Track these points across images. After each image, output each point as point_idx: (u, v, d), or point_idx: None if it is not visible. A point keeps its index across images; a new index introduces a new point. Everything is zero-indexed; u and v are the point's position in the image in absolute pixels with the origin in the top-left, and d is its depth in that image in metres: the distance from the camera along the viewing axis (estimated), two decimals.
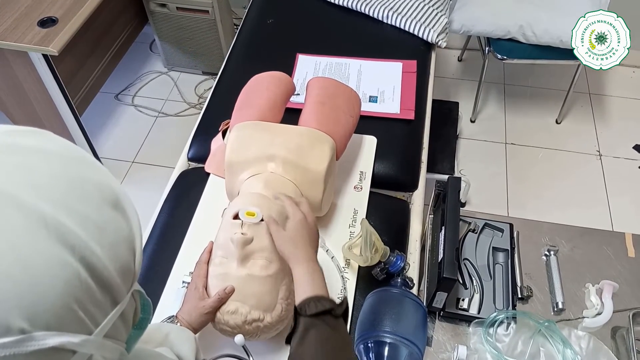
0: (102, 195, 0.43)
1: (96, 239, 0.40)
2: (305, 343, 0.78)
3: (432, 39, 1.77)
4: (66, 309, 0.37)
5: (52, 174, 0.40)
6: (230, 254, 0.95)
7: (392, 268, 1.13)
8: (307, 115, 1.22)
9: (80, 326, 0.39)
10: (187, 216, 1.27)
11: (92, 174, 0.43)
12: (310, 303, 0.81)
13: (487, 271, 1.22)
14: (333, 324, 0.80)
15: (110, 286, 0.41)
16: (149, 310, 0.52)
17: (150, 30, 2.65)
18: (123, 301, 0.43)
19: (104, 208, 0.42)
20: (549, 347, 1.11)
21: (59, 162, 0.42)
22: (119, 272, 0.42)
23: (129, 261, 0.44)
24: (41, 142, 0.42)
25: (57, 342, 0.37)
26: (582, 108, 2.58)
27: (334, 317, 0.81)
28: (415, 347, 1.00)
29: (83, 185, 0.42)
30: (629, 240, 1.29)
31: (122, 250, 0.43)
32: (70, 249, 0.38)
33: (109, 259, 0.41)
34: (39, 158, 0.41)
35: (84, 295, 0.39)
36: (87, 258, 0.39)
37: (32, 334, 0.35)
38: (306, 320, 0.80)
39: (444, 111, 2.22)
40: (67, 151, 0.43)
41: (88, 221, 0.40)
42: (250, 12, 1.96)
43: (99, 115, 2.57)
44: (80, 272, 0.38)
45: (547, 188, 2.25)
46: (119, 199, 0.45)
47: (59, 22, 1.82)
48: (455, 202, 1.18)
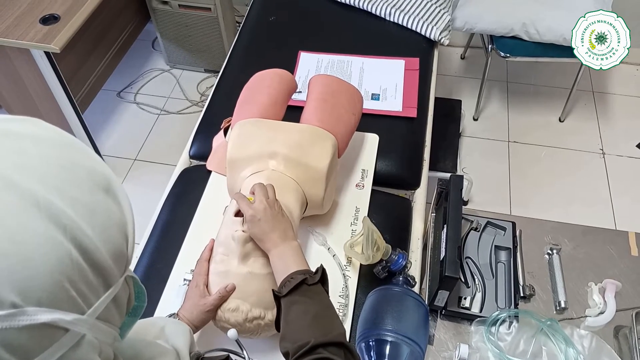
0: (93, 180, 0.43)
1: (87, 221, 0.41)
2: (289, 321, 0.80)
3: (434, 37, 1.76)
4: (58, 286, 0.38)
5: (44, 158, 0.41)
6: (231, 252, 0.95)
7: (394, 266, 1.13)
8: (309, 112, 1.21)
9: (73, 305, 0.39)
10: (188, 214, 1.27)
11: (83, 159, 0.44)
12: (285, 284, 0.83)
13: (489, 270, 1.21)
14: (309, 294, 0.82)
15: (102, 268, 0.42)
16: (143, 298, 0.52)
17: (152, 27, 2.65)
18: (116, 284, 0.44)
19: (95, 192, 0.43)
20: (551, 346, 1.11)
21: (50, 148, 0.42)
22: (112, 255, 0.43)
23: (121, 245, 0.44)
24: (33, 128, 0.43)
25: (48, 318, 0.37)
26: (586, 106, 2.57)
27: (308, 285, 0.82)
28: (416, 346, 1.00)
29: (74, 169, 0.42)
30: (632, 239, 1.28)
31: (114, 233, 0.43)
32: (62, 228, 0.39)
33: (101, 241, 0.41)
34: (31, 143, 0.41)
35: (76, 275, 0.39)
36: (78, 238, 0.39)
37: (24, 308, 0.36)
38: (285, 301, 0.82)
39: (446, 109, 2.22)
40: (58, 137, 0.44)
41: (79, 203, 0.41)
42: (252, 9, 1.96)
43: (101, 112, 2.57)
44: (71, 251, 0.39)
45: (550, 186, 2.25)
46: (110, 185, 0.45)
47: (61, 20, 1.82)
48: (457, 200, 1.18)
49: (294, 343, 0.75)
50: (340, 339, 0.75)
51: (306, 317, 0.78)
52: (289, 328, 0.79)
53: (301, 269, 0.85)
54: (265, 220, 0.93)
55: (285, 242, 0.92)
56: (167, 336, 0.75)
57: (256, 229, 0.93)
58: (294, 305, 0.81)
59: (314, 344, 0.72)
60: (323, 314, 0.80)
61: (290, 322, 0.79)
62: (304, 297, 0.81)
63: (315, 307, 0.80)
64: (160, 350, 0.57)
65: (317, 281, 0.83)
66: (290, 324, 0.79)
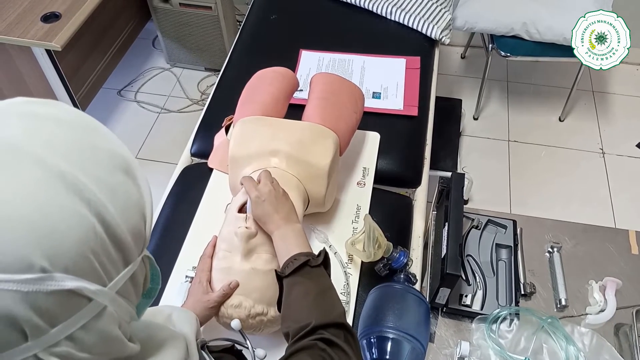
0: (113, 162, 0.45)
1: (109, 198, 0.42)
2: (291, 301, 0.80)
3: (435, 36, 1.76)
4: (83, 256, 0.39)
5: (67, 139, 0.43)
6: (234, 248, 0.95)
7: (395, 264, 1.13)
8: (310, 110, 1.21)
9: (96, 276, 0.41)
10: (190, 211, 1.27)
11: (104, 142, 0.46)
12: (288, 264, 0.83)
13: (490, 267, 1.22)
14: (311, 275, 0.82)
15: (122, 244, 0.43)
16: (157, 280, 0.54)
17: (153, 26, 2.65)
18: (134, 262, 0.45)
19: (115, 173, 0.44)
20: (552, 343, 1.11)
21: (73, 129, 0.44)
22: (131, 233, 0.44)
23: (140, 225, 0.46)
24: (57, 111, 0.45)
25: (75, 285, 0.39)
26: (586, 106, 2.57)
27: (311, 267, 0.82)
28: (418, 343, 1.00)
29: (95, 151, 0.44)
30: (632, 237, 1.28)
31: (133, 213, 0.45)
32: (87, 202, 0.40)
33: (122, 219, 0.43)
34: (55, 124, 0.43)
35: (99, 247, 0.41)
36: (102, 214, 0.41)
37: (53, 274, 0.38)
38: (287, 281, 0.82)
39: (447, 108, 2.22)
40: (81, 120, 0.46)
41: (102, 182, 0.42)
42: (253, 8, 1.96)
43: (102, 111, 2.57)
44: (95, 225, 0.40)
45: (550, 186, 2.25)
46: (130, 167, 0.46)
47: (62, 18, 1.82)
48: (458, 198, 1.18)
49: (295, 323, 0.75)
50: (341, 320, 0.75)
51: (307, 298, 0.79)
52: (290, 309, 0.80)
53: (304, 251, 0.86)
54: (269, 202, 0.94)
55: (288, 224, 0.92)
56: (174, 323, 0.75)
57: (260, 210, 0.94)
58: (296, 286, 0.81)
59: (314, 325, 0.73)
60: (324, 295, 0.80)
61: (292, 303, 0.80)
62: (305, 279, 0.82)
63: (317, 288, 0.81)
64: (172, 334, 0.58)
65: (320, 263, 0.84)
66: (292, 304, 0.80)
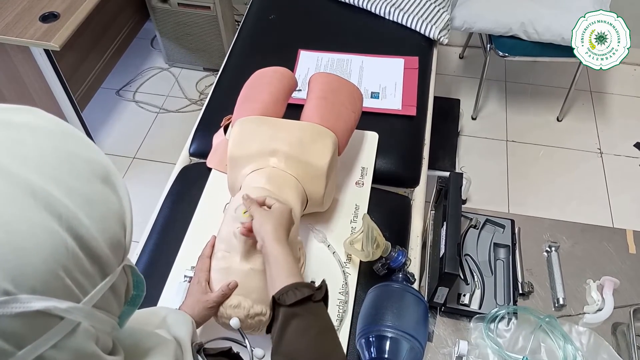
0: (91, 170, 0.44)
1: (85, 210, 0.41)
2: (287, 334, 0.76)
3: (434, 36, 1.77)
4: (52, 274, 0.38)
5: (42, 148, 0.41)
6: (233, 248, 0.96)
7: (394, 263, 1.14)
8: (309, 110, 1.22)
9: (68, 293, 0.39)
10: (188, 211, 1.28)
11: (81, 149, 0.44)
12: (289, 292, 0.79)
13: (488, 267, 1.22)
14: (314, 311, 0.79)
15: (99, 257, 0.42)
16: (142, 287, 0.52)
17: (151, 26, 2.65)
18: (113, 273, 0.44)
19: (93, 182, 0.43)
20: (550, 342, 1.11)
21: (48, 137, 0.42)
22: (109, 244, 0.43)
23: (119, 235, 0.45)
24: (32, 118, 0.43)
25: (42, 306, 0.37)
26: (583, 106, 2.58)
27: (313, 302, 0.79)
28: (416, 342, 1.01)
29: (72, 159, 0.43)
30: (629, 237, 1.29)
31: (112, 223, 0.44)
32: (58, 217, 0.39)
33: (98, 230, 0.42)
34: (30, 133, 0.42)
35: (72, 263, 0.39)
36: (74, 228, 0.40)
37: (17, 296, 0.36)
38: (286, 311, 0.78)
39: (445, 108, 2.22)
40: (57, 127, 0.44)
41: (76, 193, 0.41)
42: (252, 8, 1.96)
43: (100, 111, 2.57)
44: (67, 240, 0.39)
45: (548, 185, 2.26)
46: (109, 175, 0.45)
47: (61, 18, 1.82)
48: (457, 198, 1.18)
49: (290, 358, 0.73)
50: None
51: (306, 335, 0.76)
52: (286, 341, 0.76)
53: (303, 282, 0.82)
54: (290, 218, 0.93)
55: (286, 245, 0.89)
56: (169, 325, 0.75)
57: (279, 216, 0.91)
58: (295, 318, 0.77)
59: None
60: (325, 335, 0.77)
61: (289, 337, 0.76)
62: (307, 313, 0.78)
63: (318, 326, 0.78)
64: (160, 341, 0.57)
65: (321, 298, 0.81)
66: (289, 338, 0.76)
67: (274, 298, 0.80)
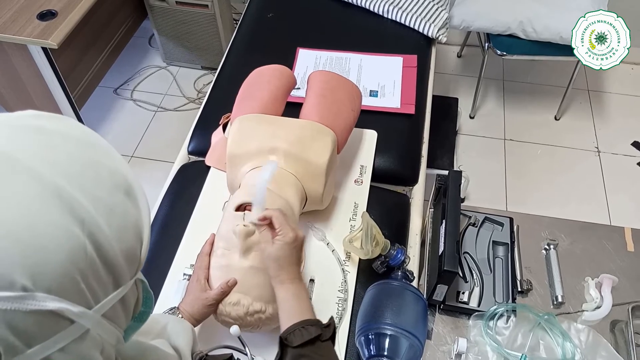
0: (114, 181, 0.44)
1: (105, 219, 0.41)
2: None
3: (432, 34, 1.77)
4: (68, 277, 0.38)
5: (70, 155, 0.42)
6: (233, 246, 0.95)
7: (393, 261, 1.14)
8: (308, 108, 1.21)
9: (81, 298, 0.40)
10: (187, 209, 1.27)
11: (107, 160, 0.45)
12: (296, 331, 0.78)
13: (487, 265, 1.22)
14: (321, 351, 0.78)
15: (114, 266, 0.42)
16: (150, 304, 0.53)
17: (149, 24, 2.64)
18: (125, 285, 0.44)
19: (115, 193, 0.44)
20: (549, 340, 1.12)
21: (77, 146, 0.44)
22: (124, 255, 0.43)
23: (135, 247, 0.45)
24: (64, 126, 0.45)
25: (56, 306, 0.38)
26: (581, 105, 2.58)
27: (321, 342, 0.79)
28: (415, 339, 1.01)
29: (98, 169, 0.43)
30: (628, 235, 1.29)
31: (129, 235, 0.44)
32: (80, 222, 0.39)
33: (116, 240, 0.42)
34: (60, 140, 0.43)
35: (88, 268, 0.40)
36: (95, 234, 0.40)
37: (34, 293, 0.37)
38: (293, 352, 0.77)
39: (443, 107, 2.23)
40: (86, 137, 0.45)
41: (99, 201, 0.41)
42: (250, 6, 1.96)
43: (98, 109, 2.56)
44: (86, 245, 0.40)
45: (546, 184, 2.26)
46: (131, 187, 0.46)
47: (59, 15, 1.82)
48: (456, 196, 1.19)
49: None
50: None
51: None
52: None
53: (312, 319, 0.81)
54: (298, 250, 0.89)
55: (300, 280, 0.89)
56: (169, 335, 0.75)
57: (284, 253, 0.87)
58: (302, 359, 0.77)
59: None
60: None
61: None
62: (315, 354, 0.77)
63: None
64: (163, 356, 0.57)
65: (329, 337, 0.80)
66: None
67: (281, 338, 0.79)
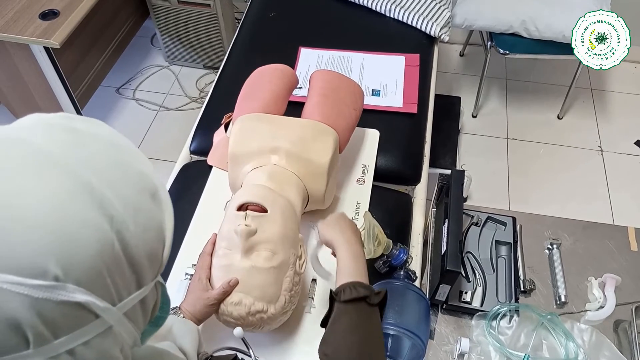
0: (141, 183, 0.45)
1: (132, 217, 0.42)
2: (336, 329, 0.79)
3: (435, 33, 1.76)
4: (96, 271, 0.39)
5: (101, 154, 0.44)
6: (234, 246, 0.95)
7: (395, 261, 1.13)
8: (310, 107, 1.21)
9: (106, 294, 0.40)
10: (189, 209, 1.27)
11: (135, 162, 0.46)
12: (346, 289, 0.81)
13: (489, 264, 1.22)
14: (366, 313, 0.80)
15: (137, 265, 0.43)
16: (167, 309, 0.53)
17: (151, 24, 2.64)
18: (147, 286, 0.45)
19: (142, 194, 0.45)
20: (552, 339, 1.11)
21: (107, 146, 0.45)
22: (148, 256, 0.44)
23: (158, 249, 0.46)
24: (95, 128, 0.46)
25: (84, 299, 0.38)
26: (584, 103, 2.57)
27: (368, 304, 0.80)
28: (418, 339, 1.01)
29: (126, 169, 0.45)
30: (631, 234, 1.29)
31: (153, 236, 0.45)
32: (109, 218, 0.40)
33: (141, 239, 0.43)
34: (91, 140, 0.44)
35: (114, 265, 0.40)
36: (122, 232, 0.41)
37: (65, 284, 0.37)
38: (340, 306, 0.80)
39: (446, 106, 2.22)
40: (116, 139, 0.47)
41: (127, 200, 0.43)
42: (252, 5, 1.96)
43: (100, 109, 2.56)
44: (114, 242, 0.40)
45: (548, 183, 2.25)
46: (157, 191, 0.47)
47: (61, 15, 1.82)
48: (458, 195, 1.18)
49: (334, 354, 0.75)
50: None
51: (353, 336, 0.77)
52: (333, 336, 0.79)
53: (364, 283, 0.83)
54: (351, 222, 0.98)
55: (359, 245, 0.93)
56: (175, 336, 0.75)
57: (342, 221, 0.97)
58: (346, 316, 0.79)
59: None
60: (369, 340, 0.78)
61: (336, 332, 0.79)
62: (358, 313, 0.80)
63: (365, 330, 0.78)
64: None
65: (377, 303, 0.82)
66: (336, 333, 0.79)
67: (332, 292, 0.83)
